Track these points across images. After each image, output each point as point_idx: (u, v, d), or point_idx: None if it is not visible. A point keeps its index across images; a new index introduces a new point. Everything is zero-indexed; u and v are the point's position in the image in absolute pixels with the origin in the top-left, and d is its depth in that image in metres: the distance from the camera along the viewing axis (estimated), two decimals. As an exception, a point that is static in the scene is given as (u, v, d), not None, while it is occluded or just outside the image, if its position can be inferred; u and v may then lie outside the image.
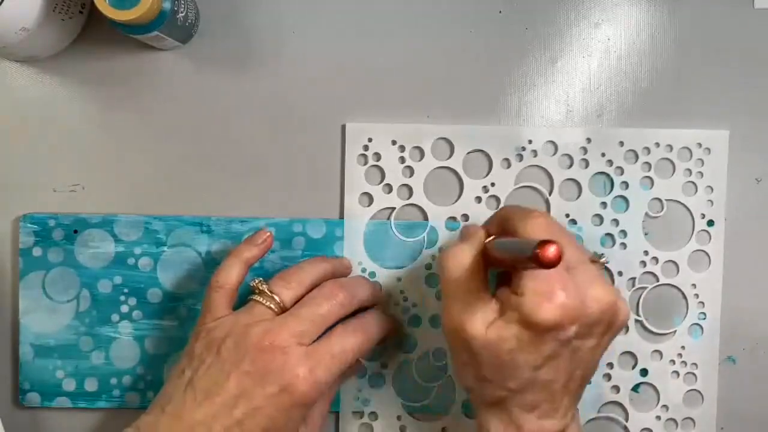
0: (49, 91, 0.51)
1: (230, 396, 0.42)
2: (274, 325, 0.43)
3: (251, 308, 0.44)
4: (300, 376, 0.42)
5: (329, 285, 0.45)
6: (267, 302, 0.44)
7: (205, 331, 0.44)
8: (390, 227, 0.50)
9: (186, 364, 0.43)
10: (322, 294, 0.45)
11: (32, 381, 0.50)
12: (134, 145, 0.51)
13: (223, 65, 0.50)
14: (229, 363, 0.42)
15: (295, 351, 0.42)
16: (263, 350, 0.42)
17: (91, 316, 0.50)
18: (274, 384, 0.42)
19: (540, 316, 0.38)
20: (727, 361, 0.50)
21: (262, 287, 0.45)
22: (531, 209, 0.43)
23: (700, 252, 0.50)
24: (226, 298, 0.45)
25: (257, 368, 0.42)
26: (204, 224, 0.50)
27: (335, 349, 0.44)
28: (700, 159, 0.50)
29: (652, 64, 0.50)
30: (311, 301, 0.44)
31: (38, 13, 0.45)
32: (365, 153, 0.50)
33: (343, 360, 0.44)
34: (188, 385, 0.42)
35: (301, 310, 0.44)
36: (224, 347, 0.43)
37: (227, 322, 0.44)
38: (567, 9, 0.50)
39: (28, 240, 0.50)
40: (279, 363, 0.42)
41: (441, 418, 0.50)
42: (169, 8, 0.44)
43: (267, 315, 0.44)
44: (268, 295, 0.44)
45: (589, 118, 0.50)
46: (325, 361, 0.43)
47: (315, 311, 0.44)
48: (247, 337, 0.42)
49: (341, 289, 0.45)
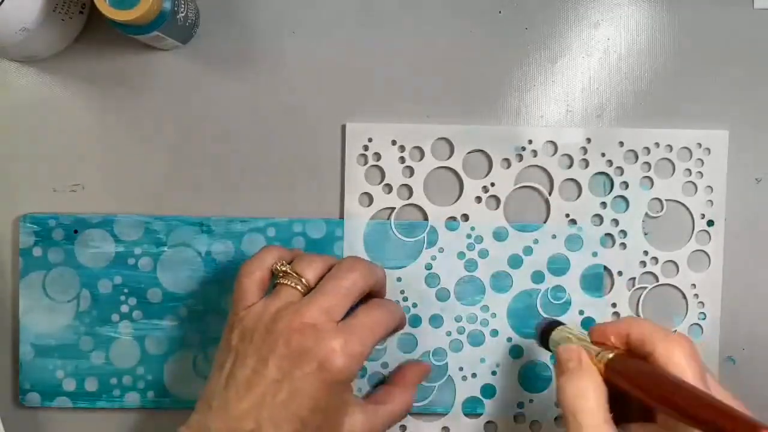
0: (49, 91, 0.51)
1: (271, 382, 0.41)
2: (302, 304, 0.42)
3: (278, 292, 0.44)
4: (336, 350, 0.41)
5: (349, 259, 0.45)
6: (292, 283, 0.44)
7: (238, 321, 0.43)
8: (390, 227, 0.50)
9: (224, 357, 0.43)
10: (344, 267, 0.44)
11: (32, 381, 0.50)
12: (134, 145, 0.51)
13: (223, 65, 0.50)
14: (265, 349, 0.42)
15: (327, 326, 0.42)
16: (295, 330, 0.41)
17: (91, 316, 0.50)
18: (312, 361, 0.41)
19: None
20: (727, 361, 0.50)
21: (286, 269, 0.44)
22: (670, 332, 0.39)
23: (700, 252, 0.50)
24: (257, 285, 0.44)
25: (292, 349, 0.41)
26: (204, 224, 0.50)
27: (366, 322, 0.43)
28: (699, 159, 0.50)
29: (652, 64, 0.50)
30: (335, 275, 0.44)
31: (38, 13, 0.45)
32: (365, 153, 0.50)
33: (375, 332, 0.43)
34: (229, 377, 0.42)
35: (326, 285, 0.43)
36: (257, 335, 0.42)
37: (257, 309, 0.43)
38: (567, 9, 0.50)
39: (28, 240, 0.50)
40: (312, 340, 0.41)
41: (441, 418, 0.50)
42: (169, 8, 0.44)
43: (294, 296, 0.43)
44: (293, 276, 0.44)
45: (589, 118, 0.50)
46: (357, 334, 0.42)
47: (340, 284, 0.43)
48: (279, 320, 0.42)
49: (361, 262, 0.45)
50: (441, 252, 0.50)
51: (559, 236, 0.50)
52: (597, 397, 0.38)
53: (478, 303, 0.50)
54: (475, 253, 0.50)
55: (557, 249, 0.50)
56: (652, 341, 0.38)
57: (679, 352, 0.38)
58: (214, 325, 0.50)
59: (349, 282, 0.43)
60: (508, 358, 0.50)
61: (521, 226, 0.50)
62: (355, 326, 0.42)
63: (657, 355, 0.38)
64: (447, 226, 0.50)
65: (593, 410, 0.38)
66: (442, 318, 0.50)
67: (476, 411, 0.50)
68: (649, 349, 0.38)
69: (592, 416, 0.38)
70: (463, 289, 0.50)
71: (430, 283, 0.50)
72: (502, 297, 0.50)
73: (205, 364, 0.50)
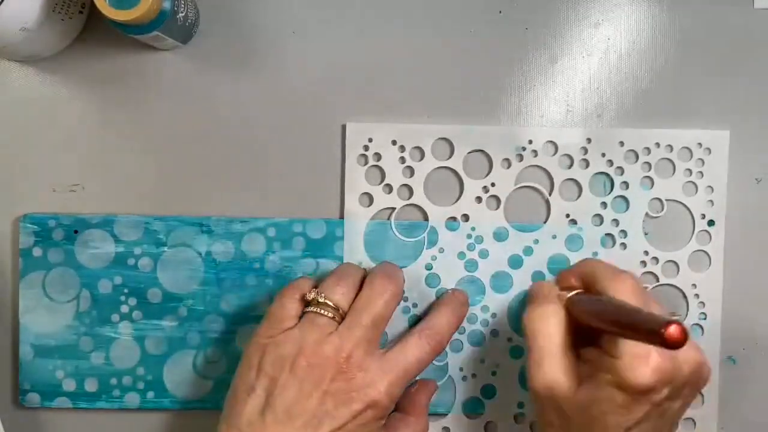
0: (49, 91, 0.51)
1: (312, 416, 0.42)
2: (343, 339, 0.43)
3: (313, 321, 0.44)
4: (382, 392, 0.43)
5: (378, 279, 0.45)
6: (327, 312, 0.44)
7: (273, 345, 0.43)
8: (390, 227, 0.50)
9: (255, 380, 0.43)
10: (375, 292, 0.45)
11: (32, 381, 0.50)
12: (134, 145, 0.51)
13: (223, 65, 0.50)
14: (308, 383, 0.42)
15: (372, 365, 0.43)
16: (341, 370, 0.42)
17: (91, 317, 0.50)
18: (359, 402, 0.42)
19: (637, 379, 0.38)
20: (727, 362, 0.50)
21: (318, 297, 0.44)
22: (618, 269, 0.44)
23: (700, 252, 0.50)
24: (297, 309, 0.45)
25: (338, 388, 0.42)
26: (204, 224, 0.50)
27: (410, 361, 0.44)
28: (700, 159, 0.50)
29: (652, 64, 0.50)
30: (368, 303, 0.44)
31: (38, 13, 0.45)
32: (365, 153, 0.50)
33: (416, 370, 0.45)
34: (266, 406, 0.42)
35: (362, 316, 0.44)
36: (298, 366, 0.42)
37: (294, 337, 0.43)
38: (567, 9, 0.50)
39: (28, 240, 0.50)
40: (359, 381, 0.43)
41: (441, 418, 0.50)
42: (169, 8, 0.44)
43: (331, 326, 0.44)
44: (327, 305, 0.44)
45: (589, 118, 0.50)
46: (400, 376, 0.44)
47: (374, 313, 0.44)
48: (321, 355, 0.43)
49: (390, 281, 0.45)
50: (441, 252, 0.50)
51: (560, 236, 0.50)
52: (557, 323, 0.43)
53: (479, 303, 0.50)
54: (476, 253, 0.50)
55: (557, 249, 0.50)
56: (602, 279, 0.43)
57: (623, 287, 0.42)
58: (214, 326, 0.50)
59: (381, 309, 0.44)
60: (508, 359, 0.50)
61: (521, 226, 0.50)
62: (399, 368, 0.44)
63: (607, 290, 0.42)
64: (447, 227, 0.50)
65: (552, 335, 0.42)
66: (443, 318, 0.50)
67: (476, 411, 0.50)
68: (600, 286, 0.43)
69: (551, 340, 0.42)
70: (463, 289, 0.50)
71: (431, 283, 0.50)
72: (502, 297, 0.50)
73: (205, 365, 0.50)
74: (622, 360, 0.39)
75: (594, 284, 0.44)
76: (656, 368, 0.38)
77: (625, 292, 0.41)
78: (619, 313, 0.40)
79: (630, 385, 0.39)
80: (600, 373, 0.40)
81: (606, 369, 0.40)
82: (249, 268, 0.50)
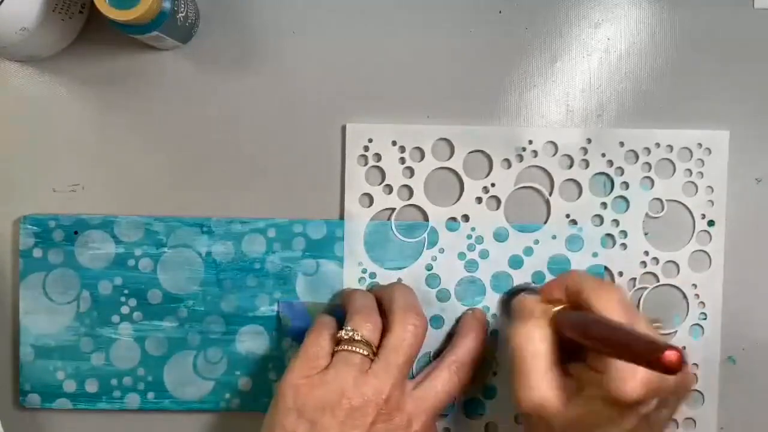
0: (49, 91, 0.51)
1: None
2: (381, 381, 0.43)
3: (348, 360, 0.44)
4: (418, 431, 0.44)
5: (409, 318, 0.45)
6: (360, 350, 0.44)
7: (309, 386, 0.43)
8: (390, 228, 0.50)
9: (296, 423, 0.43)
10: (407, 332, 0.45)
11: (33, 382, 0.50)
12: (134, 145, 0.51)
13: (223, 65, 0.50)
14: (350, 427, 0.42)
15: (407, 405, 0.44)
16: (381, 412, 0.43)
17: (91, 317, 0.50)
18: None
19: (625, 393, 0.38)
20: (727, 361, 0.50)
21: (354, 335, 0.44)
22: (603, 282, 0.44)
23: (700, 252, 0.50)
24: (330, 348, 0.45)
25: (379, 430, 0.43)
26: (204, 225, 0.50)
27: (441, 397, 0.45)
28: (700, 159, 0.50)
29: (652, 64, 0.50)
30: (401, 342, 0.44)
31: (38, 13, 0.44)
32: (365, 154, 0.50)
33: (446, 403, 0.46)
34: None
35: (398, 356, 0.44)
36: (340, 409, 0.42)
37: (333, 379, 0.43)
38: (567, 9, 0.50)
39: (28, 241, 0.50)
40: (397, 422, 0.43)
41: (442, 419, 0.50)
42: (169, 8, 0.44)
43: (365, 364, 0.44)
44: (360, 342, 0.44)
45: (589, 118, 0.50)
46: (433, 412, 0.45)
47: (408, 352, 0.44)
48: (361, 397, 0.43)
49: (419, 317, 0.45)
50: (441, 252, 0.50)
51: (560, 237, 0.50)
52: (543, 341, 0.42)
53: (479, 304, 0.50)
54: (476, 253, 0.50)
55: (558, 249, 0.50)
56: (587, 292, 0.42)
57: (609, 301, 0.41)
58: (215, 326, 0.50)
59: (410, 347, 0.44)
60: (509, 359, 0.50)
61: (522, 226, 0.50)
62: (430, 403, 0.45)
63: (592, 304, 0.42)
64: (447, 227, 0.50)
65: (539, 353, 0.42)
66: (443, 319, 0.50)
67: (477, 412, 0.50)
68: (586, 299, 0.42)
69: (537, 359, 0.42)
70: (463, 289, 0.50)
71: (431, 283, 0.50)
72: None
73: (206, 365, 0.50)
74: (610, 375, 0.39)
75: (579, 297, 0.43)
76: (644, 382, 0.38)
77: (611, 306, 0.41)
78: (610, 334, 0.39)
79: (618, 399, 0.39)
80: (588, 388, 0.41)
81: (593, 384, 0.40)
82: (249, 269, 0.50)
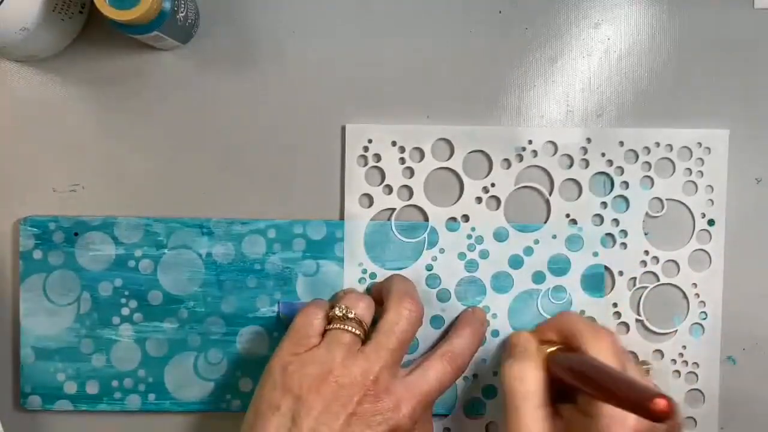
0: (49, 91, 0.50)
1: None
2: (370, 362, 0.43)
3: (339, 339, 0.44)
4: (406, 416, 0.43)
5: (404, 302, 0.45)
6: (351, 328, 0.44)
7: (299, 363, 0.43)
8: (390, 228, 0.50)
9: (280, 398, 0.43)
10: (401, 315, 0.45)
11: (33, 384, 0.50)
12: (134, 145, 0.50)
13: (223, 65, 0.50)
14: (336, 405, 0.42)
15: (397, 389, 0.43)
16: (368, 393, 0.43)
17: (91, 319, 0.50)
18: (383, 424, 0.42)
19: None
20: (727, 361, 0.50)
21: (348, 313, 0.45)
22: (595, 326, 0.45)
23: (700, 251, 0.50)
24: (321, 327, 0.45)
25: (365, 410, 0.42)
26: (204, 226, 0.50)
27: (432, 385, 0.45)
28: (700, 158, 0.50)
29: (652, 64, 0.50)
30: (394, 325, 0.44)
31: (38, 13, 0.44)
32: (365, 154, 0.50)
33: (438, 392, 0.45)
34: (291, 425, 0.42)
35: (389, 339, 0.44)
36: (326, 387, 0.42)
37: (322, 357, 0.43)
38: (567, 9, 0.50)
39: (28, 243, 0.50)
40: (385, 404, 0.43)
41: (442, 418, 0.50)
42: (169, 8, 0.44)
43: (356, 344, 0.44)
44: (352, 319, 0.44)
45: (589, 118, 0.50)
46: (423, 399, 0.44)
47: (401, 336, 0.44)
48: (349, 376, 0.43)
49: (414, 303, 0.45)
50: (441, 253, 0.50)
51: (560, 236, 0.50)
52: (535, 382, 0.43)
53: (479, 304, 0.50)
54: (476, 253, 0.50)
55: (558, 249, 0.50)
56: (580, 336, 0.44)
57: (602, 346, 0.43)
58: (215, 327, 0.50)
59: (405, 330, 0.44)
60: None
61: (522, 226, 0.50)
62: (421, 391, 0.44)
63: (586, 348, 0.43)
64: (447, 227, 0.50)
65: (530, 394, 0.42)
66: (443, 319, 0.50)
67: (478, 412, 0.50)
68: (579, 343, 0.44)
69: (529, 400, 0.42)
70: (463, 289, 0.50)
71: (431, 284, 0.50)
72: (502, 297, 0.50)
73: (206, 366, 0.50)
74: (600, 421, 0.39)
75: (572, 340, 0.44)
76: (632, 428, 0.39)
77: (603, 351, 0.42)
78: (602, 379, 0.39)
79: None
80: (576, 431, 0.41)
81: (583, 428, 0.40)
82: (249, 270, 0.50)
